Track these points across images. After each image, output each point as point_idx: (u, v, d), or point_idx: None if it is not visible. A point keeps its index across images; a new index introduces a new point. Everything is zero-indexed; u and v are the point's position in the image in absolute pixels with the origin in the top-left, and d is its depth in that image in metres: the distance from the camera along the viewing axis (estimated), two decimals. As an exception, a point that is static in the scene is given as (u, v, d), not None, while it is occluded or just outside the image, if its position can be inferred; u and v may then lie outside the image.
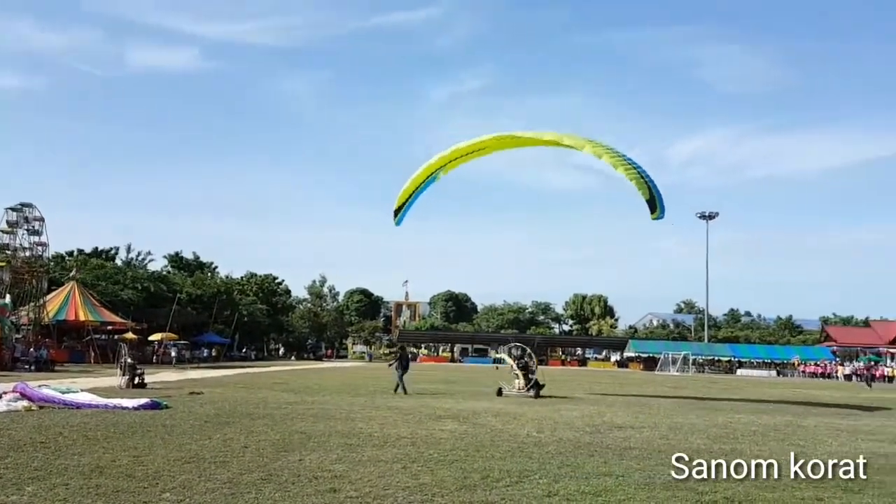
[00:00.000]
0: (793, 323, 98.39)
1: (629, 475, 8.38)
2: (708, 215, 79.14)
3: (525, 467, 8.72)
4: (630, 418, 15.57)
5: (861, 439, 12.96)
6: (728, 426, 14.64)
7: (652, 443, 11.45)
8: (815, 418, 17.28)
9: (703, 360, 73.22)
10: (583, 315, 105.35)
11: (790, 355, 74.13)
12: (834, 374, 63.84)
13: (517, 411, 16.41)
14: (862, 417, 18.10)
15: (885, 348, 76.74)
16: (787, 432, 13.79)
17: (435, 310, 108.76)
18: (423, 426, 12.84)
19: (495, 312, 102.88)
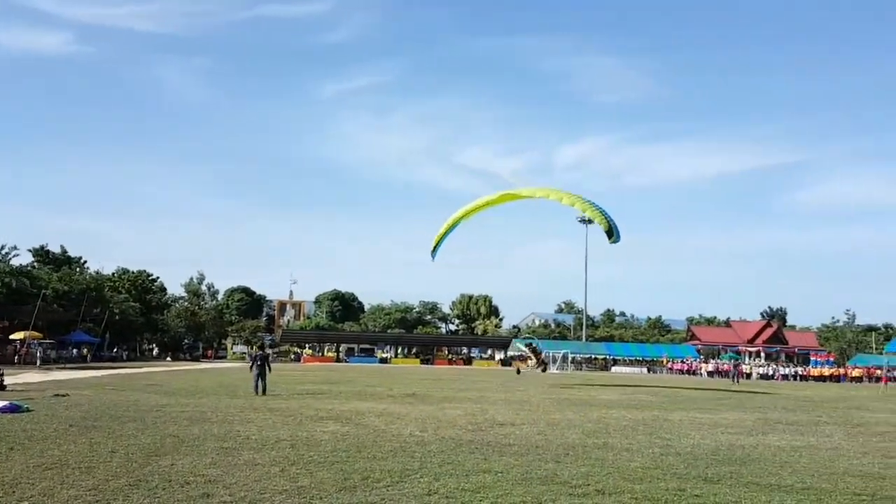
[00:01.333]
0: (662, 323, 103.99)
1: (508, 471, 8.57)
2: (588, 220, 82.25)
3: (407, 466, 8.73)
4: (511, 416, 15.94)
5: (721, 432, 13.84)
6: (601, 421, 15.27)
7: (531, 439, 11.76)
8: (681, 413, 18.32)
9: (582, 358, 76.09)
10: (469, 315, 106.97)
11: (660, 353, 78.30)
12: (698, 370, 67.95)
13: (401, 411, 16.43)
14: (720, 411, 19.33)
15: (743, 347, 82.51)
16: (655, 426, 14.54)
17: (321, 309, 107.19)
18: (303, 428, 12.62)
19: (382, 312, 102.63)
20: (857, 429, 15.51)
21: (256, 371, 21.23)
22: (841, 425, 16.24)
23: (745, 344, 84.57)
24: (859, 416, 19.50)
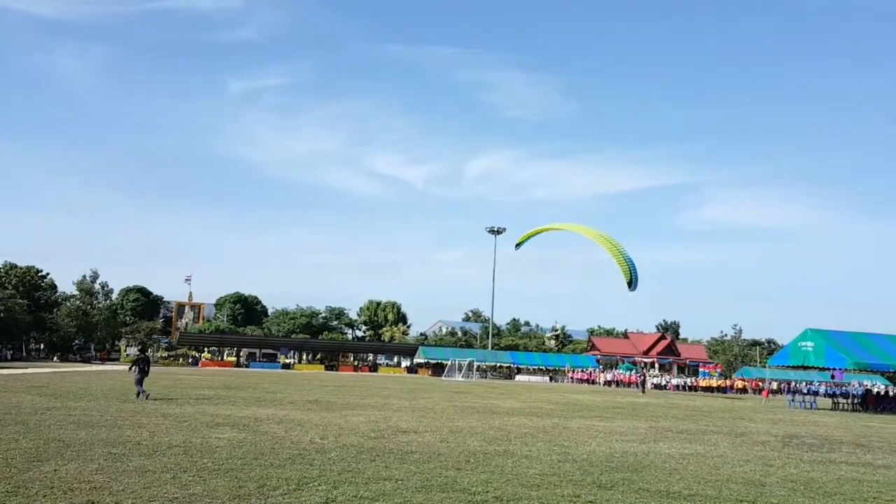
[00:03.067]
0: (565, 333, 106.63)
1: (408, 479, 8.54)
2: (496, 230, 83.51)
3: (305, 474, 8.57)
4: (414, 423, 15.93)
5: (615, 440, 14.29)
6: (503, 428, 15.49)
7: (433, 446, 11.78)
8: (579, 420, 18.81)
9: (487, 366, 77.01)
10: (376, 321, 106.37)
11: (562, 363, 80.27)
12: (596, 380, 70.04)
13: (302, 418, 16.14)
14: (616, 419, 19.98)
15: (640, 358, 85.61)
16: (554, 434, 14.86)
17: (221, 312, 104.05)
18: (198, 434, 12.19)
19: (287, 316, 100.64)
20: (740, 438, 16.34)
21: (137, 374, 20.38)
22: (726, 434, 17.06)
23: (641, 355, 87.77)
24: (743, 425, 20.55)
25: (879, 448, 15.39)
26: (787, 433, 18.27)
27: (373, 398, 25.19)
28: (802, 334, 38.18)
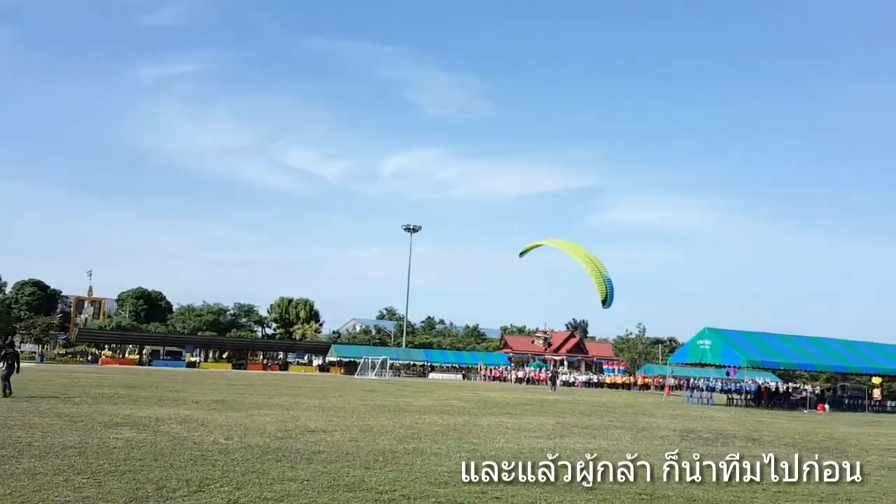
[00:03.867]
0: (479, 331, 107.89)
1: (315, 479, 8.42)
2: (412, 228, 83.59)
3: (207, 475, 8.32)
4: (323, 422, 15.73)
5: (524, 436, 14.55)
6: (414, 427, 15.50)
7: (341, 446, 11.66)
8: (490, 418, 19.05)
9: (401, 364, 76.98)
10: (287, 319, 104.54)
11: (475, 360, 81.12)
12: (508, 377, 71.16)
13: (206, 417, 15.67)
14: (525, 416, 20.35)
15: (550, 356, 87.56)
16: (465, 431, 14.99)
17: (123, 307, 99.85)
18: (94, 434, 11.65)
19: (193, 313, 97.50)
20: (641, 432, 16.93)
21: (5, 370, 19.28)
22: (628, 429, 17.65)
23: (552, 353, 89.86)
24: (644, 421, 21.31)
25: (769, 442, 16.26)
26: (685, 428, 19.06)
27: (281, 397, 24.73)
28: (700, 333, 39.94)
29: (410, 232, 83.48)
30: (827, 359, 40.52)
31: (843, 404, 42.22)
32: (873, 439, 18.85)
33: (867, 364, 41.30)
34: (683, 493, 8.65)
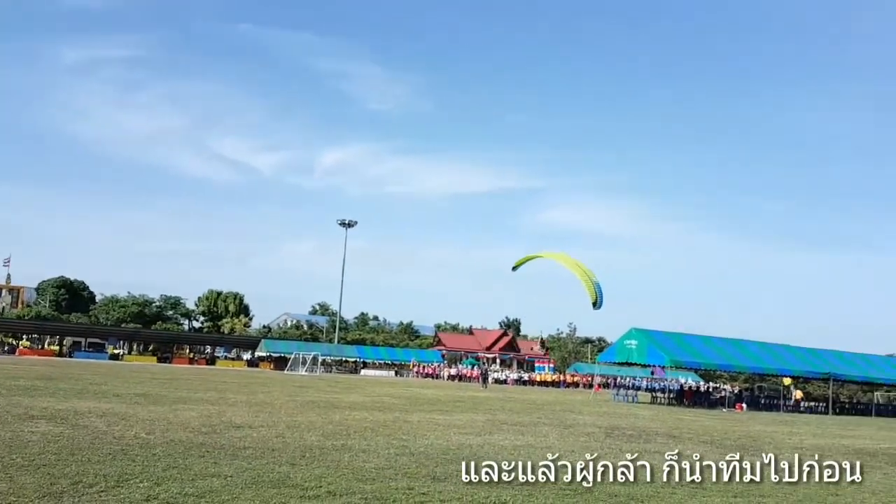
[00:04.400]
0: (412, 328, 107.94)
1: (239, 475, 8.27)
2: (348, 223, 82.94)
3: (126, 471, 8.07)
4: (250, 418, 15.45)
5: (454, 432, 14.62)
6: (343, 423, 15.38)
7: (267, 441, 11.48)
8: (420, 414, 19.07)
9: (332, 360, 76.31)
10: (216, 312, 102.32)
11: (408, 357, 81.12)
12: (441, 374, 71.46)
13: (127, 411, 15.19)
14: (455, 413, 20.47)
15: (483, 353, 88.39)
16: (395, 427, 14.96)
17: (43, 297, 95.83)
18: (7, 427, 11.14)
19: (117, 304, 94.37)
20: (568, 429, 17.25)
21: None
22: (556, 426, 17.96)
23: (485, 350, 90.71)
24: (572, 418, 21.72)
25: (689, 439, 16.81)
26: (610, 425, 19.51)
27: (207, 392, 24.19)
28: (628, 333, 40.98)
29: (346, 227, 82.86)
30: (745, 360, 42.17)
31: (760, 404, 44.00)
32: (786, 438, 19.70)
33: (781, 365, 43.19)
34: (606, 490, 8.85)
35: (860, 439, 20.97)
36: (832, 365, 43.92)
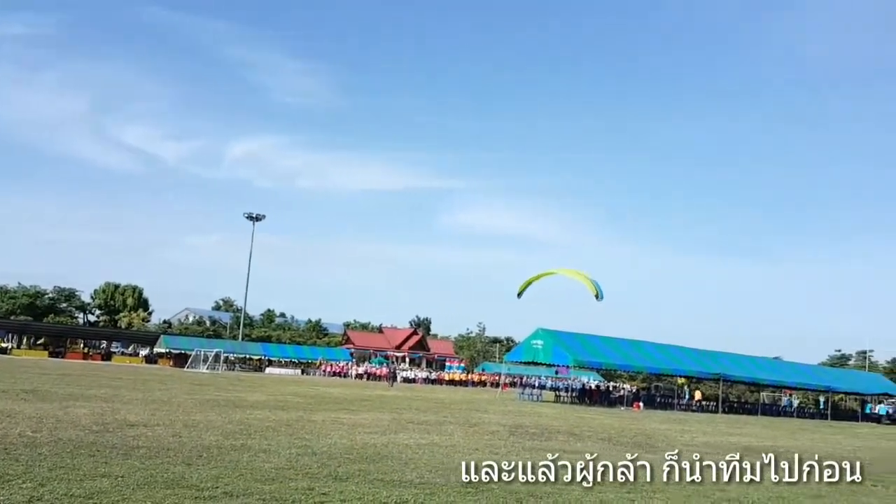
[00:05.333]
0: (321, 326, 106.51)
1: (130, 475, 7.94)
2: (255, 217, 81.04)
3: (8, 471, 7.61)
4: (145, 416, 14.87)
5: (358, 432, 14.53)
6: (244, 422, 15.02)
7: (162, 441, 11.07)
8: (325, 413, 18.85)
9: (236, 357, 74.39)
10: (113, 306, 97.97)
11: (316, 356, 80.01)
12: (349, 373, 70.88)
13: (13, 408, 14.34)
14: (361, 412, 20.35)
15: (392, 352, 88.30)
16: (298, 427, 14.73)
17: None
18: None
19: (6, 295, 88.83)
20: (473, 428, 17.45)
21: None
22: (461, 425, 18.13)
23: (394, 349, 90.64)
24: (478, 416, 21.99)
25: (588, 437, 17.32)
26: (514, 423, 19.86)
27: (101, 389, 23.12)
28: (534, 333, 41.84)
29: (253, 220, 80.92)
30: (643, 360, 43.85)
31: (656, 402, 45.87)
32: (679, 435, 20.60)
33: (676, 365, 45.17)
34: (507, 485, 8.98)
35: (746, 437, 22.18)
36: (722, 366, 46.26)
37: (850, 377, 62.86)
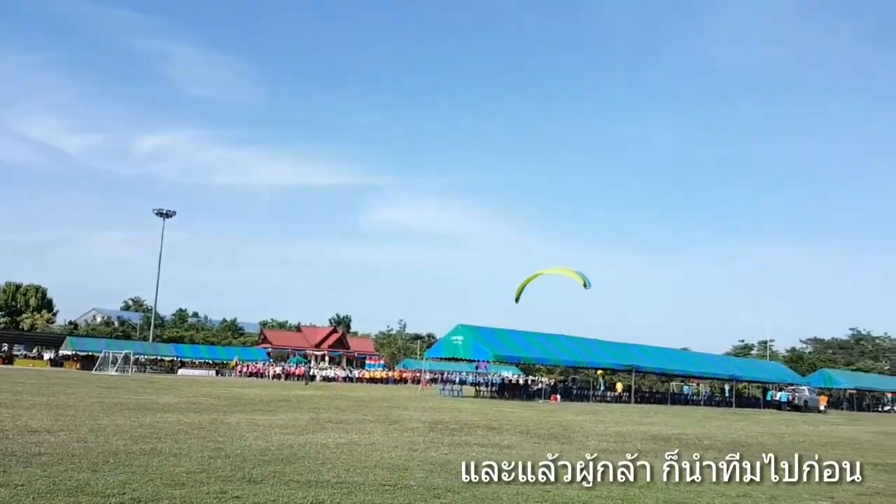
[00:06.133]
0: (236, 325, 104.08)
1: (31, 483, 7.55)
2: (166, 213, 78.42)
3: None
4: (48, 421, 14.16)
5: (274, 433, 14.26)
6: (154, 426, 14.51)
7: (67, 447, 10.57)
8: (240, 415, 18.42)
9: (146, 359, 71.85)
10: (14, 307, 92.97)
11: (231, 356, 78.12)
12: (266, 373, 69.50)
13: None
14: (278, 413, 20.00)
15: (311, 351, 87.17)
16: (211, 429, 14.33)
17: None
18: None
19: None
20: (393, 426, 17.43)
21: None
22: (381, 423, 18.08)
23: (313, 348, 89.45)
24: (398, 413, 21.98)
25: (507, 430, 17.58)
26: (434, 419, 19.96)
27: (1, 394, 21.88)
28: (454, 329, 42.16)
29: (164, 217, 78.30)
30: (560, 354, 44.87)
31: (573, 394, 47.02)
32: (593, 426, 21.18)
33: (592, 358, 46.42)
34: (425, 482, 9.02)
35: (657, 426, 23.01)
36: (635, 358, 47.82)
37: (753, 366, 66.23)
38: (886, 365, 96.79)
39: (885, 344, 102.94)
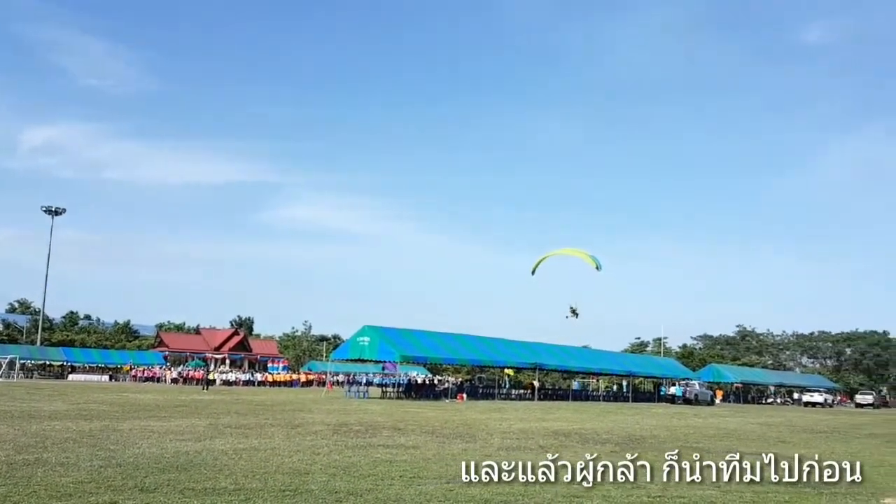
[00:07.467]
0: (130, 328, 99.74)
1: None
2: (55, 210, 74.30)
3: None
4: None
5: (170, 439, 13.74)
6: (40, 434, 13.72)
7: (-62, 462, 9.83)
8: (133, 421, 17.66)
9: (33, 364, 67.85)
10: None
11: (125, 360, 74.80)
12: (163, 378, 66.89)
13: None
14: (174, 418, 19.29)
15: (211, 354, 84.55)
16: (102, 437, 13.68)
17: None
18: None
19: None
20: (296, 429, 17.12)
21: None
22: (283, 427, 17.73)
23: (213, 351, 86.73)
24: (301, 417, 21.62)
25: (412, 431, 17.61)
26: (339, 422, 19.76)
27: None
28: (361, 330, 41.92)
29: (52, 214, 74.13)
30: (467, 353, 45.37)
31: (479, 393, 47.65)
32: (498, 423, 21.52)
33: (497, 357, 47.18)
34: (327, 486, 8.91)
35: (558, 422, 23.63)
36: (538, 356, 48.98)
37: (648, 362, 69.08)
38: (769, 360, 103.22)
39: (768, 340, 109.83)
